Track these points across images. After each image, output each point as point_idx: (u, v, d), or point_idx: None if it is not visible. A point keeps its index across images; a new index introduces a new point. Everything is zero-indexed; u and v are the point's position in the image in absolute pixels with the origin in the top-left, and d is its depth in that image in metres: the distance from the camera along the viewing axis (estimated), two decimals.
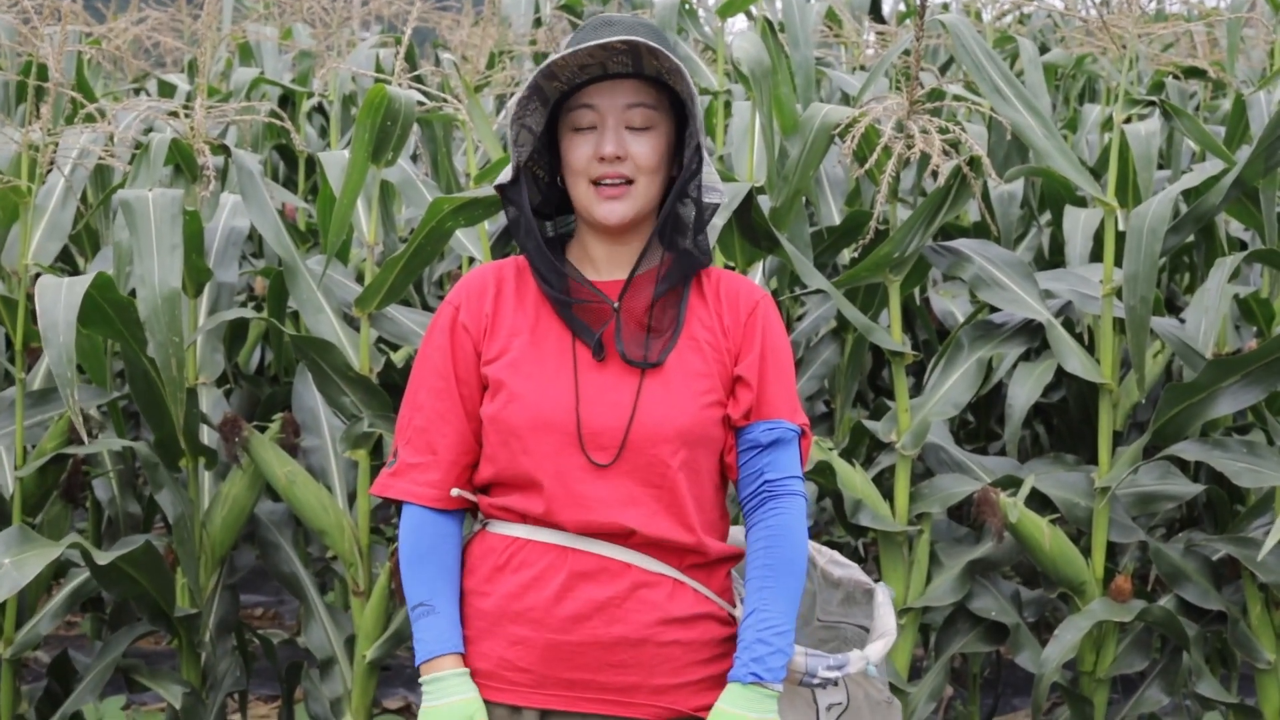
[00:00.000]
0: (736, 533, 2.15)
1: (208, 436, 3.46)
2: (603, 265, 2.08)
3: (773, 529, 2.02)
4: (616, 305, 2.03)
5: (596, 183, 2.01)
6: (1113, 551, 3.40)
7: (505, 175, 2.06)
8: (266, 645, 3.80)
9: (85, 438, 2.85)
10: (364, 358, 3.22)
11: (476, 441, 2.06)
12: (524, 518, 2.02)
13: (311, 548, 3.88)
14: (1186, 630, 3.23)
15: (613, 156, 1.99)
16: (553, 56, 1.95)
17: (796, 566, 2.02)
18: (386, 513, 4.66)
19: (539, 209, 2.14)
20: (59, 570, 3.43)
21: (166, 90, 4.88)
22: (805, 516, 2.05)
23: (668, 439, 1.99)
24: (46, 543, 2.95)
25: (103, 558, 2.99)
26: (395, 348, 3.85)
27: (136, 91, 5.33)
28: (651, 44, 1.93)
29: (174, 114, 3.45)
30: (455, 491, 2.05)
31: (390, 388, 3.28)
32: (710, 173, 2.08)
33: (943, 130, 3.05)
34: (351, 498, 3.40)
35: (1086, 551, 3.25)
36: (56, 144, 3.15)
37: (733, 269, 3.42)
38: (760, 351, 2.06)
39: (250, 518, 3.46)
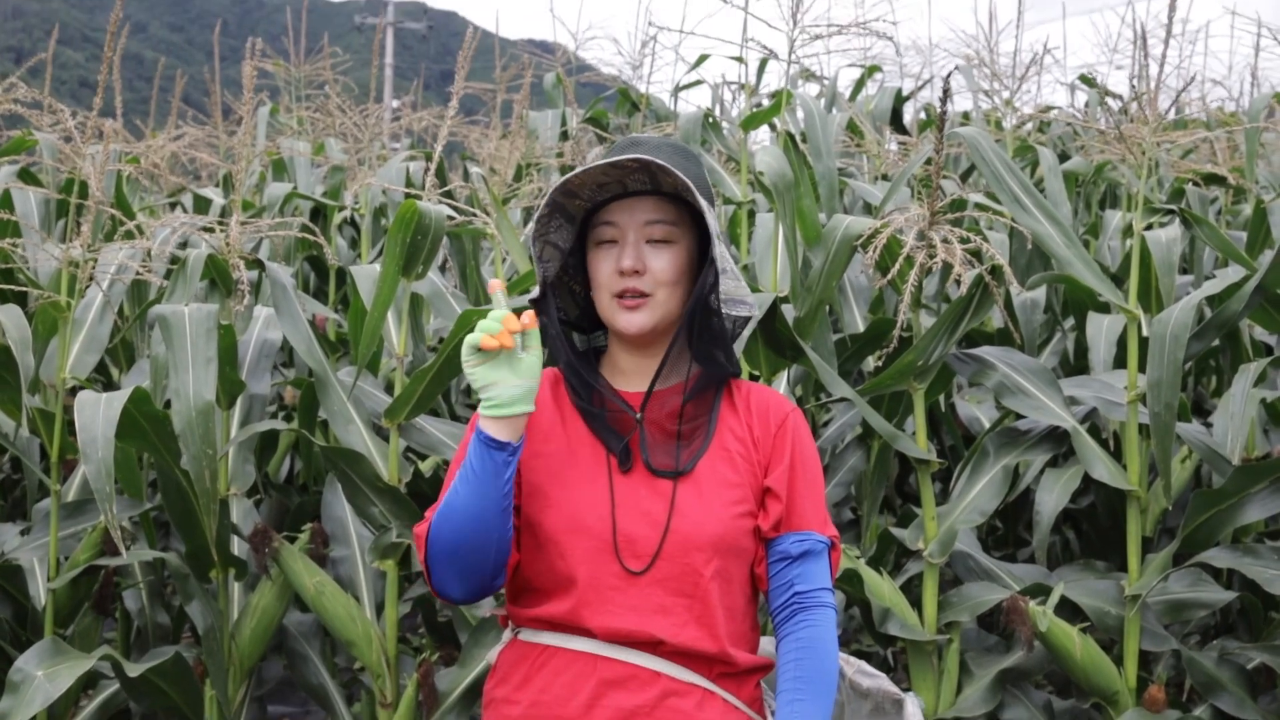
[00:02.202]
0: (766, 643, 2.14)
1: (238, 547, 3.48)
2: (631, 376, 2.12)
3: (804, 641, 2.02)
4: (639, 416, 2.06)
5: (618, 295, 2.05)
6: (1146, 660, 3.36)
7: (534, 294, 2.11)
8: None
9: (122, 550, 2.87)
10: (393, 468, 3.25)
11: (515, 515, 2.04)
12: (553, 625, 2.02)
13: (339, 658, 3.88)
14: None
15: (631, 270, 2.03)
16: (569, 175, 2.00)
17: (829, 679, 2.01)
18: (413, 621, 4.66)
19: (576, 322, 2.18)
20: (89, 682, 3.44)
21: (201, 205, 4.99)
22: (836, 628, 2.05)
23: (701, 547, 1.99)
24: (78, 654, 2.97)
25: (133, 670, 2.99)
26: (423, 457, 3.88)
27: (172, 206, 5.45)
28: (661, 162, 1.97)
29: (209, 229, 3.53)
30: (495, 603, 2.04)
31: (418, 497, 3.31)
32: (739, 286, 2.11)
33: (964, 240, 3.09)
34: (380, 608, 3.40)
35: (1119, 660, 3.21)
36: (95, 260, 3.22)
37: (757, 378, 3.45)
38: (790, 463, 2.08)
39: (279, 628, 3.47)
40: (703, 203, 2.02)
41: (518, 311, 1.92)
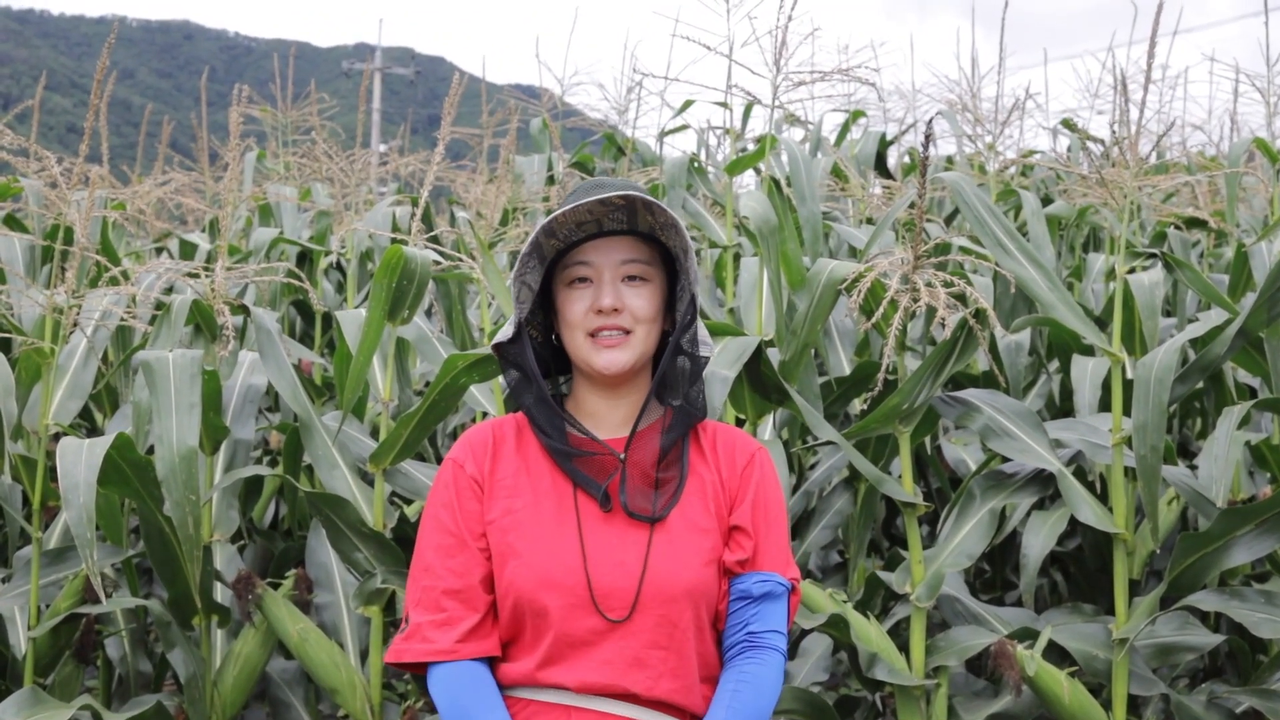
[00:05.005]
0: None
1: (221, 594, 3.45)
2: (601, 421, 2.10)
3: (746, 675, 2.00)
4: (623, 457, 2.04)
5: (594, 334, 2.04)
6: (1134, 704, 3.34)
7: (506, 333, 2.09)
8: None
9: (102, 597, 2.85)
10: (378, 513, 3.24)
11: (489, 591, 2.04)
12: (528, 679, 2.00)
13: (323, 705, 3.84)
14: None
15: (610, 309, 2.02)
16: (554, 213, 2.00)
17: (760, 717, 1.99)
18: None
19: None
20: None
21: (188, 250, 4.99)
22: (781, 672, 2.03)
23: (676, 598, 1.98)
24: (57, 704, 2.93)
25: (114, 719, 2.96)
26: (408, 502, 3.87)
27: (158, 251, 5.45)
28: (648, 198, 1.99)
29: (194, 274, 3.53)
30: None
31: (403, 542, 3.29)
32: (700, 327, 2.12)
33: (948, 284, 3.10)
34: (364, 655, 3.38)
35: (1107, 705, 3.19)
36: (80, 306, 3.21)
37: (743, 422, 3.45)
38: (753, 501, 2.07)
39: (262, 676, 3.43)
40: (686, 241, 2.02)
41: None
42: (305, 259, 5.21)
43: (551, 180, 5.70)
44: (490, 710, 1.96)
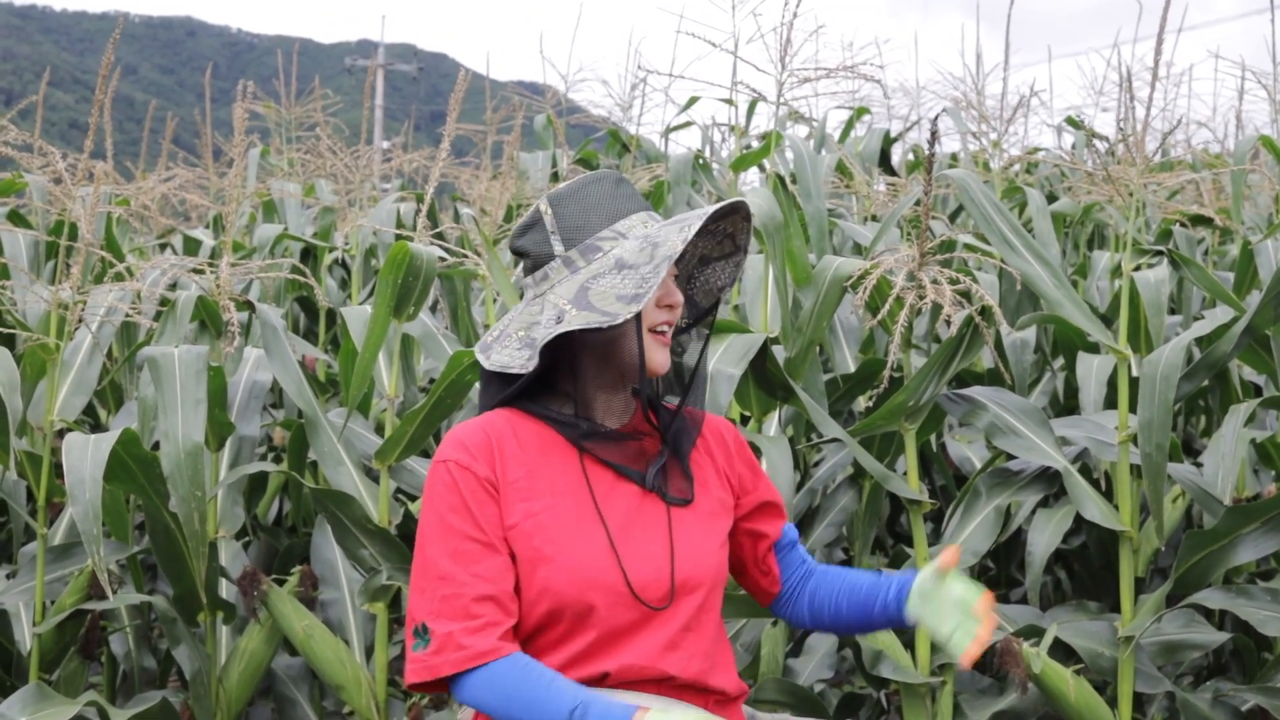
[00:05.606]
0: None
1: (226, 590, 3.45)
2: (603, 416, 2.07)
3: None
4: (667, 441, 2.06)
5: (652, 329, 2.01)
6: (1139, 702, 3.34)
7: (627, 311, 1.91)
8: None
9: (109, 593, 2.85)
10: (383, 510, 3.24)
11: (511, 591, 1.95)
12: (562, 668, 1.97)
13: (328, 702, 3.85)
14: None
15: (679, 304, 2.03)
16: (718, 206, 2.01)
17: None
18: (401, 663, 4.62)
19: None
20: None
21: (192, 246, 4.99)
22: None
23: (702, 583, 2.02)
24: (63, 700, 2.93)
25: (119, 715, 2.96)
26: (413, 498, 3.87)
27: (162, 247, 5.45)
28: (749, 212, 2.08)
29: (198, 270, 3.53)
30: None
31: (408, 539, 3.28)
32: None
33: (953, 281, 3.10)
34: (369, 651, 3.38)
35: (1113, 702, 3.20)
36: (85, 302, 3.21)
37: (748, 419, 3.45)
38: (758, 475, 2.19)
39: (267, 672, 3.44)
40: (736, 244, 2.12)
41: None
42: (309, 255, 5.21)
43: (556, 177, 5.70)
44: (565, 683, 1.89)
